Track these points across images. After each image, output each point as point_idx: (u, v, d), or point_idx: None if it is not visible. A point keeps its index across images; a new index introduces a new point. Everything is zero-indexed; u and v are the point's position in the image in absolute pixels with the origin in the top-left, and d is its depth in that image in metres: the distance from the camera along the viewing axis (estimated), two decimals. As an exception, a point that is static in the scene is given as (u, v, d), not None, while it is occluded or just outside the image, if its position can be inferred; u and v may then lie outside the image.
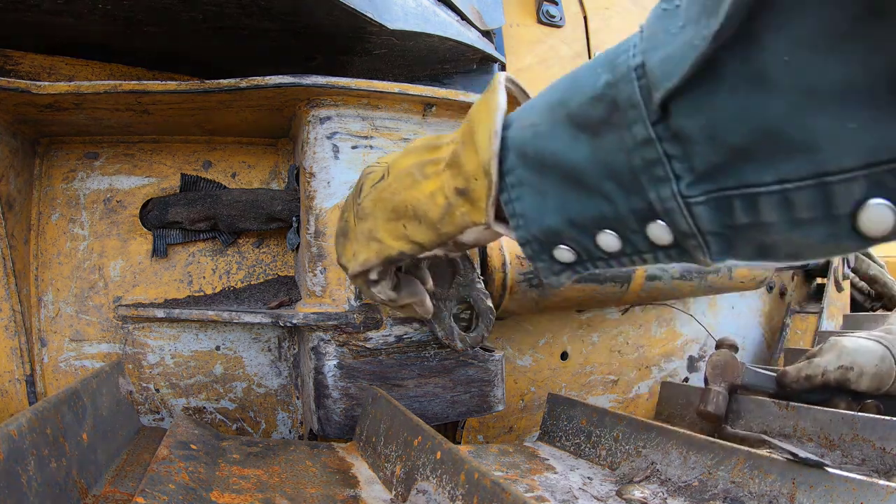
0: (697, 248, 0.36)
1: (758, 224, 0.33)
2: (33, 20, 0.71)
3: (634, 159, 0.36)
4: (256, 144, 0.91)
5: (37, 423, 0.42)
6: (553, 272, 0.47)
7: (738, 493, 0.56)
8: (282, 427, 0.88)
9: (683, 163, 0.34)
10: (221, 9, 0.71)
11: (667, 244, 0.38)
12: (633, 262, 0.42)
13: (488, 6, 1.00)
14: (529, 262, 0.48)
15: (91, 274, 0.82)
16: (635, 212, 0.38)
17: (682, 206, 0.35)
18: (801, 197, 0.31)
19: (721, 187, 0.33)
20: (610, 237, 0.40)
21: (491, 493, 0.40)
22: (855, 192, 0.29)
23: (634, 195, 0.37)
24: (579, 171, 0.40)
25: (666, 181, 0.35)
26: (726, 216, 0.34)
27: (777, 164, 0.31)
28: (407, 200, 0.52)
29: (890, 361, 0.87)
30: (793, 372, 0.93)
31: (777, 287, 1.77)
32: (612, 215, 0.39)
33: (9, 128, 0.74)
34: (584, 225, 0.41)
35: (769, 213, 0.32)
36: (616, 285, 1.03)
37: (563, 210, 0.42)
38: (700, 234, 0.35)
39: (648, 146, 0.35)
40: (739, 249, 0.36)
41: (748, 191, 0.32)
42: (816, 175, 0.30)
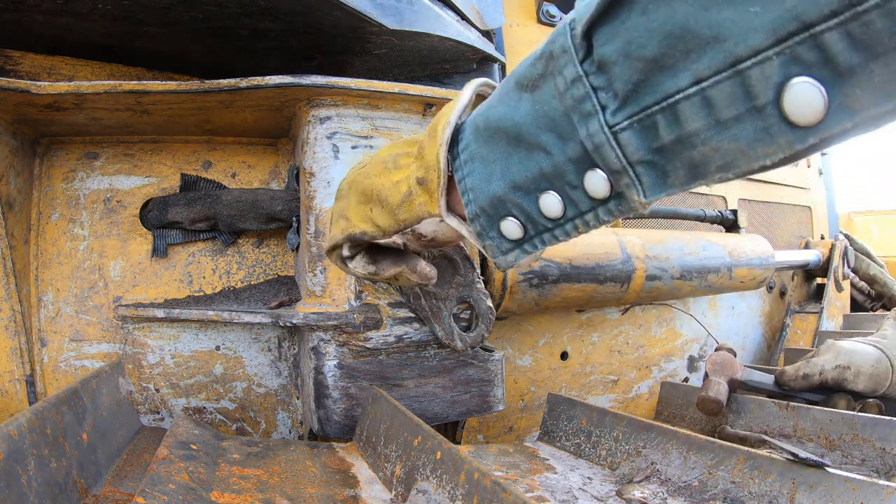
0: (630, 186, 0.36)
1: (684, 137, 0.33)
2: (33, 20, 0.71)
3: (566, 100, 0.37)
4: (256, 144, 0.91)
5: (37, 423, 0.42)
6: (501, 251, 0.47)
7: (738, 493, 0.56)
8: (282, 427, 0.88)
9: (607, 91, 0.35)
10: (221, 9, 0.71)
11: (605, 196, 0.38)
12: (576, 227, 0.42)
13: (488, 6, 1.00)
14: (478, 241, 0.48)
15: (91, 274, 0.82)
16: (572, 161, 0.38)
17: (609, 137, 0.35)
18: (720, 92, 0.30)
19: (643, 107, 0.33)
20: (552, 198, 0.41)
21: (491, 493, 0.40)
22: (772, 74, 0.28)
23: (569, 140, 0.38)
24: (520, 128, 0.41)
25: (593, 115, 0.35)
26: (652, 137, 0.34)
27: (690, 65, 0.31)
28: (375, 185, 0.55)
29: (886, 364, 0.88)
30: (791, 371, 0.94)
31: (777, 287, 1.77)
32: (551, 169, 0.40)
33: (9, 128, 0.74)
34: (526, 187, 0.42)
35: (692, 120, 0.32)
36: (616, 285, 1.03)
37: (507, 174, 0.43)
38: (630, 166, 0.36)
39: (577, 83, 0.36)
40: (671, 174, 0.35)
41: (668, 101, 0.32)
42: (730, 65, 0.29)
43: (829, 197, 2.11)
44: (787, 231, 1.87)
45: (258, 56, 0.87)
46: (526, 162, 0.41)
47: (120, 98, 0.70)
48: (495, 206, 0.45)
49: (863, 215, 3.58)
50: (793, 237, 1.88)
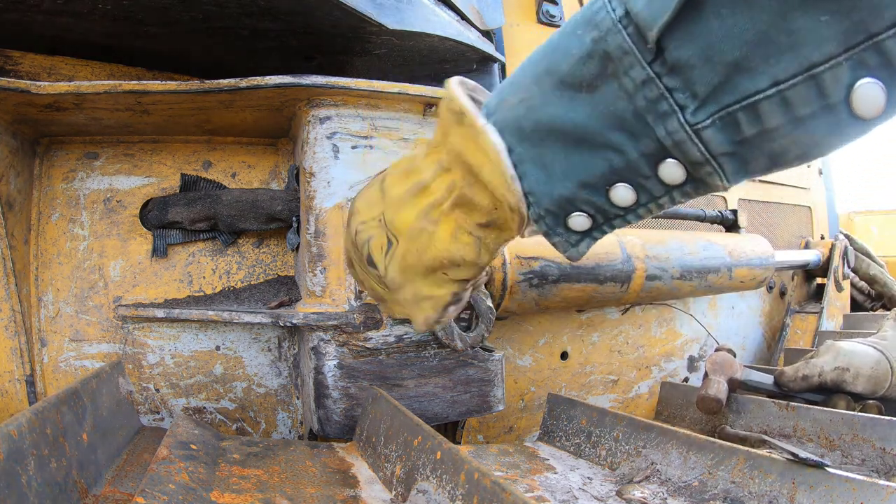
0: (713, 174, 0.38)
1: (764, 131, 0.35)
2: (33, 20, 0.71)
3: (637, 101, 0.37)
4: (256, 144, 0.91)
5: (37, 423, 0.42)
6: (571, 244, 0.47)
7: (738, 493, 0.56)
8: (282, 427, 0.88)
9: (685, 92, 0.36)
10: (221, 9, 0.71)
11: (680, 182, 0.40)
12: (649, 210, 0.43)
13: (488, 6, 1.00)
14: (546, 238, 0.47)
15: (91, 274, 0.82)
16: (646, 155, 0.39)
17: (690, 135, 0.37)
18: (797, 93, 0.33)
19: (723, 106, 0.35)
20: (623, 190, 0.42)
21: (491, 493, 0.40)
22: (843, 77, 0.32)
23: (643, 137, 0.39)
24: (582, 130, 0.40)
25: (671, 114, 0.37)
26: (734, 132, 0.36)
27: (769, 69, 0.33)
28: (436, 256, 0.50)
29: (885, 365, 0.88)
30: (790, 372, 0.94)
31: (777, 287, 1.77)
32: (623, 165, 0.40)
33: (9, 128, 0.74)
34: (595, 183, 0.42)
35: (772, 118, 0.34)
36: (616, 285, 1.03)
37: (572, 174, 0.42)
38: (713, 157, 0.37)
39: (649, 85, 0.37)
40: (752, 163, 0.38)
41: (749, 101, 0.34)
42: (805, 69, 0.32)
43: (829, 197, 2.11)
44: (787, 231, 1.87)
45: (258, 56, 0.87)
46: (592, 160, 0.41)
47: (120, 98, 0.70)
48: (562, 206, 0.44)
49: (863, 215, 3.57)
50: (793, 237, 1.88)
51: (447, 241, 0.49)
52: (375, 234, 0.54)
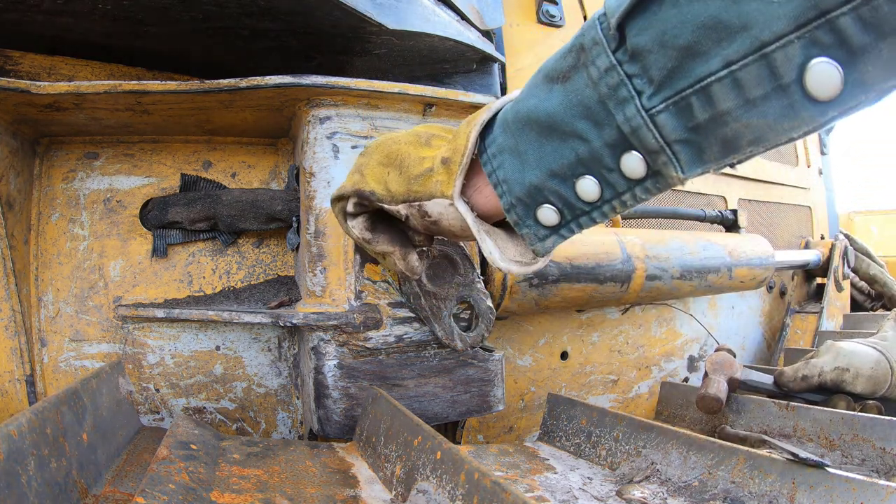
0: (668, 164, 0.39)
1: (717, 116, 0.36)
2: (33, 20, 0.71)
3: (601, 88, 0.39)
4: (256, 144, 0.91)
5: (37, 423, 0.42)
6: (539, 237, 0.49)
7: (738, 493, 0.56)
8: (282, 427, 0.88)
9: (642, 78, 0.37)
10: (221, 9, 0.71)
11: (641, 175, 0.41)
12: (613, 208, 0.44)
13: (488, 6, 1.00)
14: (516, 229, 0.49)
15: (91, 274, 0.82)
16: (609, 145, 0.41)
17: (646, 119, 0.38)
18: (749, 74, 0.33)
19: (677, 90, 0.36)
20: (589, 182, 0.43)
21: (491, 493, 0.40)
22: (795, 56, 0.32)
23: (606, 126, 0.40)
24: (553, 118, 0.43)
25: (629, 100, 0.38)
26: (687, 117, 0.37)
27: (721, 51, 0.34)
28: (401, 152, 0.56)
29: (885, 366, 0.88)
30: (790, 372, 0.94)
31: (777, 287, 1.77)
32: (588, 155, 0.42)
33: (9, 128, 0.74)
34: (563, 173, 0.44)
35: (724, 100, 0.35)
36: (616, 285, 1.03)
37: (542, 163, 0.44)
38: (667, 145, 0.38)
39: (611, 72, 0.38)
40: (706, 151, 0.38)
41: (701, 84, 0.35)
42: (756, 49, 0.33)
43: (829, 197, 2.11)
44: (787, 231, 1.87)
45: (258, 56, 0.87)
46: (561, 149, 0.43)
47: (120, 98, 0.70)
48: (531, 195, 0.46)
49: (863, 215, 3.58)
50: (793, 237, 1.88)
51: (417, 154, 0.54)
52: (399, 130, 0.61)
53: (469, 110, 0.83)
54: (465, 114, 0.83)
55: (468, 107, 0.82)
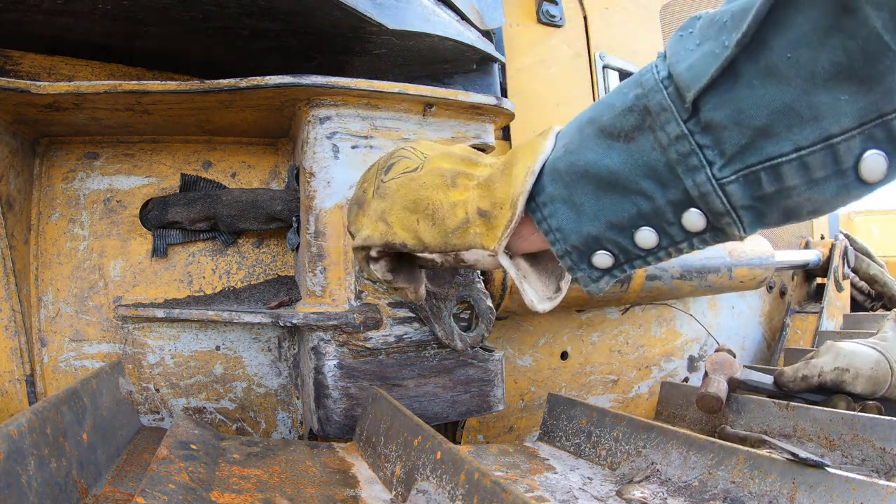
0: (731, 225, 0.42)
1: (782, 190, 0.40)
2: (33, 20, 0.71)
3: (670, 154, 0.42)
4: (256, 144, 0.91)
5: (37, 423, 0.42)
6: (592, 279, 0.50)
7: (738, 493, 0.56)
8: (282, 427, 0.88)
9: (714, 150, 0.40)
10: (221, 9, 0.71)
11: (700, 229, 0.44)
12: (668, 254, 0.47)
13: (488, 6, 1.00)
14: (569, 273, 0.51)
15: (91, 274, 0.82)
16: (672, 203, 0.43)
17: (716, 188, 0.41)
18: (815, 159, 0.38)
19: (748, 164, 0.39)
20: (647, 233, 0.45)
21: (491, 493, 0.40)
22: (854, 148, 0.37)
23: (671, 187, 0.43)
24: (615, 176, 0.44)
25: (700, 168, 0.41)
26: (755, 189, 0.40)
27: (792, 136, 0.38)
28: (430, 199, 0.55)
29: (885, 366, 0.88)
30: (790, 372, 0.94)
31: (777, 287, 1.77)
32: (650, 210, 0.44)
33: (9, 128, 0.74)
34: (622, 225, 0.46)
35: (791, 178, 0.39)
36: (616, 285, 1.03)
37: (601, 215, 0.46)
38: (733, 210, 0.41)
39: (682, 140, 0.41)
40: (768, 217, 0.42)
41: (772, 163, 0.39)
42: (824, 139, 0.37)
43: (830, 197, 2.11)
44: (787, 231, 1.87)
45: (258, 56, 0.87)
46: (622, 204, 0.45)
47: (120, 98, 0.70)
48: (588, 244, 0.48)
49: (863, 215, 3.58)
50: (793, 237, 1.88)
51: (447, 200, 0.54)
52: (412, 158, 0.59)
53: (469, 110, 0.83)
54: (465, 114, 0.83)
55: (468, 107, 0.82)
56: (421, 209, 0.55)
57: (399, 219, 0.57)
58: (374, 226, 0.59)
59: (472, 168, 0.55)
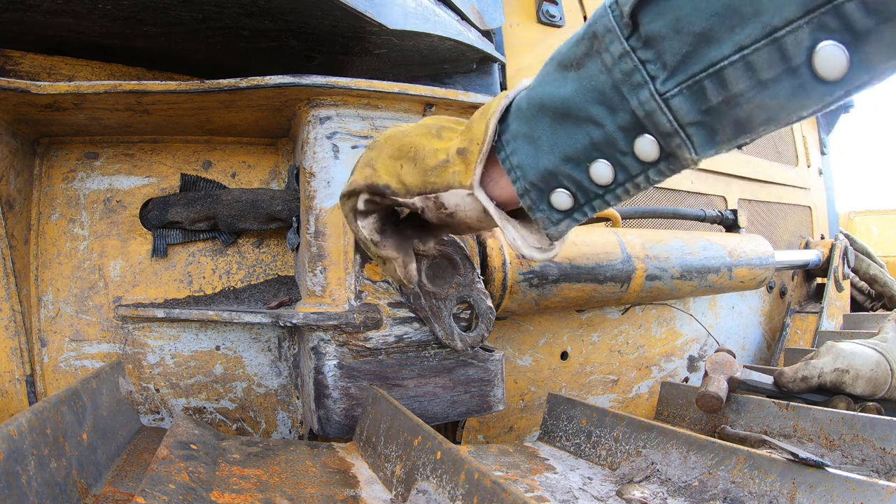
0: (682, 146, 0.41)
1: (729, 98, 0.37)
2: (33, 20, 0.71)
3: (615, 74, 0.41)
4: (256, 144, 0.91)
5: (37, 423, 0.42)
6: (552, 221, 0.50)
7: (738, 493, 0.56)
8: (282, 427, 0.88)
9: (656, 63, 0.39)
10: (221, 9, 0.71)
11: (654, 158, 0.42)
12: (626, 190, 0.46)
13: (488, 6, 1.00)
14: (529, 213, 0.50)
15: (91, 274, 0.82)
16: (622, 128, 0.42)
17: (660, 104, 0.39)
18: (759, 57, 0.35)
19: (691, 75, 0.38)
20: (602, 166, 0.44)
21: (491, 493, 0.40)
22: (803, 41, 0.34)
23: (620, 111, 0.42)
24: (568, 104, 0.44)
25: (643, 85, 0.40)
26: (701, 101, 0.38)
27: (734, 37, 0.36)
28: (413, 144, 0.56)
29: (885, 367, 0.88)
30: (789, 373, 0.94)
31: (777, 287, 1.77)
32: (602, 139, 0.43)
33: (9, 128, 0.74)
34: (577, 157, 0.45)
35: (736, 83, 0.37)
36: (616, 285, 1.03)
37: (556, 148, 0.46)
38: (681, 128, 0.40)
39: (625, 58, 0.40)
40: (719, 132, 0.40)
41: (714, 68, 0.37)
42: (767, 34, 0.35)
43: (829, 197, 2.11)
44: (787, 231, 1.87)
45: (258, 56, 0.87)
46: (575, 134, 0.44)
47: (120, 98, 0.70)
48: (546, 180, 0.47)
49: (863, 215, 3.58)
50: (793, 237, 1.88)
51: (430, 146, 0.55)
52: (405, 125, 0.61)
53: (469, 110, 0.83)
54: (465, 114, 0.83)
55: (468, 107, 0.82)
56: (404, 154, 0.56)
57: (384, 165, 0.58)
58: (360, 171, 0.60)
59: (459, 125, 0.57)
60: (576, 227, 0.50)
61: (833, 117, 2.14)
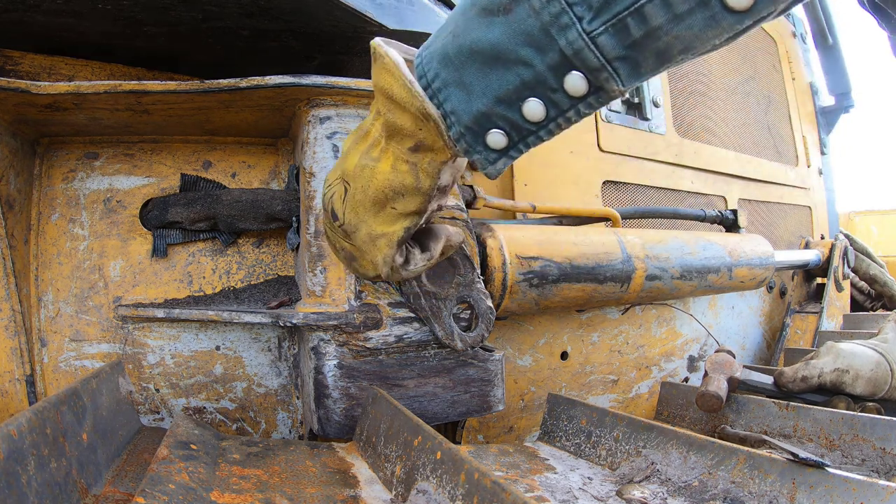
0: (610, 80, 0.44)
1: (650, 32, 0.41)
2: (33, 20, 0.71)
3: (543, 17, 0.43)
4: (256, 144, 0.91)
5: (37, 423, 0.42)
6: (489, 161, 0.51)
7: (738, 493, 0.56)
8: (282, 427, 0.88)
9: (582, 5, 0.41)
10: (221, 9, 0.71)
11: (584, 93, 0.45)
12: (558, 125, 0.48)
13: (488, 6, 1.00)
14: (466, 156, 0.51)
15: (91, 274, 0.82)
16: (552, 67, 0.44)
17: (588, 42, 0.42)
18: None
19: (615, 13, 0.41)
20: (534, 104, 0.46)
21: (491, 493, 0.40)
22: None
23: (549, 51, 0.44)
24: (496, 49, 0.46)
25: (571, 26, 0.42)
26: (624, 37, 0.41)
27: None
28: (378, 187, 0.55)
29: (885, 368, 0.88)
30: (789, 373, 0.94)
31: (777, 287, 1.77)
32: (532, 78, 0.45)
33: (9, 128, 0.74)
34: (509, 98, 0.47)
35: (655, 17, 0.40)
36: (616, 285, 1.03)
37: (488, 90, 0.47)
38: (608, 62, 0.43)
39: (553, 2, 0.42)
40: (643, 64, 0.43)
41: (636, 6, 0.40)
42: None
43: (829, 197, 2.11)
44: (787, 231, 1.87)
45: (258, 56, 0.87)
46: (506, 76, 0.46)
47: (120, 98, 0.70)
48: (479, 122, 0.49)
49: (863, 215, 3.58)
50: (793, 237, 1.88)
51: (387, 172, 0.54)
52: (337, 189, 0.59)
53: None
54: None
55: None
56: (383, 199, 0.56)
57: (382, 222, 0.57)
58: (376, 248, 0.59)
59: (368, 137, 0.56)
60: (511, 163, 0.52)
61: (833, 117, 2.14)
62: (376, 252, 0.59)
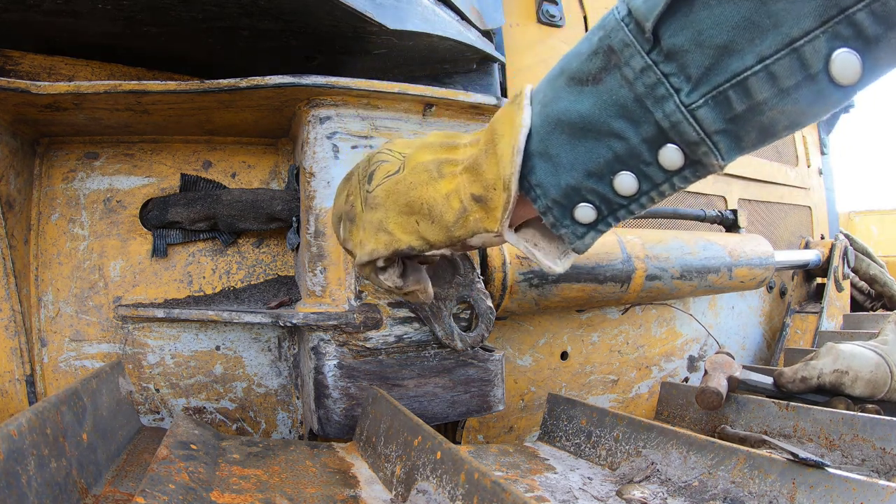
0: (709, 154, 0.41)
1: (753, 106, 0.39)
2: (33, 20, 0.71)
3: (637, 88, 0.41)
4: (256, 144, 0.91)
5: (37, 423, 0.42)
6: (577, 236, 0.49)
7: (738, 493, 0.56)
8: (282, 427, 0.88)
9: (679, 76, 0.40)
10: (221, 9, 0.71)
11: (679, 166, 0.43)
12: (651, 199, 0.46)
13: (488, 6, 1.00)
14: (553, 230, 0.49)
15: (91, 274, 0.82)
16: (646, 140, 0.42)
17: (686, 115, 0.40)
18: (781, 67, 0.37)
19: (715, 85, 0.39)
20: (626, 178, 0.44)
21: (491, 493, 0.40)
22: (821, 49, 0.36)
23: (643, 123, 0.42)
24: (587, 121, 0.44)
25: (668, 97, 0.40)
26: (726, 110, 0.40)
27: (755, 48, 0.37)
28: (422, 198, 0.54)
29: (885, 369, 0.88)
30: (789, 373, 0.94)
31: (777, 287, 1.77)
32: (625, 152, 0.43)
33: (9, 128, 0.74)
34: (600, 172, 0.45)
35: (760, 92, 0.38)
36: (616, 285, 1.03)
37: (578, 164, 0.45)
38: (707, 136, 0.41)
39: (647, 72, 0.41)
40: (744, 138, 0.41)
41: (738, 78, 0.38)
42: (787, 45, 0.36)
43: (829, 197, 2.11)
44: (787, 231, 1.87)
45: (258, 56, 0.87)
46: (596, 149, 0.44)
47: (120, 98, 0.70)
48: (568, 196, 0.47)
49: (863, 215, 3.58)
50: (793, 237, 1.88)
51: (440, 194, 0.53)
52: (391, 161, 0.58)
53: (469, 110, 0.83)
54: (465, 114, 0.83)
55: (468, 107, 0.82)
56: (416, 209, 0.54)
57: (398, 224, 0.56)
58: (375, 238, 0.58)
59: (454, 153, 0.55)
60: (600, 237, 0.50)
61: (833, 117, 2.14)
62: (371, 240, 0.58)
